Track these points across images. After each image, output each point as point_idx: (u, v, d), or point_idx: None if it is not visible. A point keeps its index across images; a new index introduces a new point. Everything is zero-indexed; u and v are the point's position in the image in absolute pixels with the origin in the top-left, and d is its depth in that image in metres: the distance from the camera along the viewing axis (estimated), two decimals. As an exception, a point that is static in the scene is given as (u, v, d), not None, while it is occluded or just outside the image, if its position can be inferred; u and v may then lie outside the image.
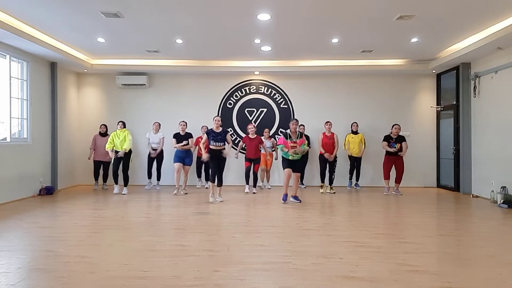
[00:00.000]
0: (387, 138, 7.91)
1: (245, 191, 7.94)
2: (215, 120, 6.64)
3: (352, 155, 8.58)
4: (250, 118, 9.47)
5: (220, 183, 6.68)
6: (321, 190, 8.07)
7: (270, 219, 5.35)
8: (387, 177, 7.96)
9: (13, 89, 6.98)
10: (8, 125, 6.81)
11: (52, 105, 8.16)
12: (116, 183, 7.86)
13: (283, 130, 9.30)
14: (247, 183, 7.98)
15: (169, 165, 8.45)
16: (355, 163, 8.69)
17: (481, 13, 5.71)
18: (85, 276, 3.05)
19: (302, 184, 8.91)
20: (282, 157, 6.71)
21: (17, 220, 5.22)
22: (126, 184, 7.90)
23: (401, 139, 7.86)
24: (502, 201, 6.67)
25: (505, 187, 6.83)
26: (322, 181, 8.14)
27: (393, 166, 7.93)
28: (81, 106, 9.48)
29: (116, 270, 3.17)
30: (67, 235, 4.41)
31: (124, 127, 7.94)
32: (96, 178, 8.67)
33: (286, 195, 6.71)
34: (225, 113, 9.44)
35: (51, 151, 8.14)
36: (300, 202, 6.66)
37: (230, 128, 9.34)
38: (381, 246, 3.95)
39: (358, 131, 8.64)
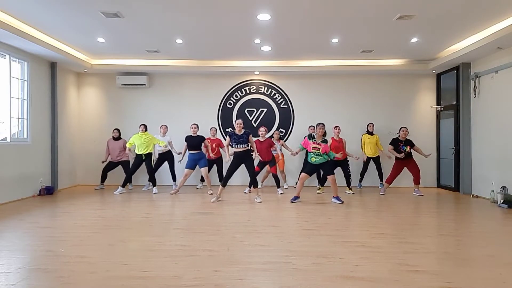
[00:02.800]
0: (396, 142, 7.70)
1: (244, 191, 8.01)
2: (237, 124, 6.71)
3: (368, 155, 8.56)
4: (250, 118, 9.47)
5: (255, 184, 6.78)
6: (318, 191, 8.06)
7: (270, 219, 5.35)
8: (391, 181, 7.84)
9: (13, 89, 6.98)
10: (8, 125, 6.81)
11: (52, 105, 8.16)
12: (124, 186, 7.88)
13: (283, 130, 9.36)
14: (249, 186, 7.95)
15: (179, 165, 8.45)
16: (373, 164, 8.66)
17: (481, 13, 5.71)
18: (85, 276, 3.04)
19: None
20: (305, 160, 6.74)
21: (17, 220, 5.21)
22: (154, 184, 7.98)
23: (410, 142, 7.67)
24: (502, 201, 6.67)
25: (505, 187, 6.83)
26: (321, 184, 8.14)
27: (406, 169, 7.81)
28: (81, 106, 9.47)
29: (116, 270, 3.17)
30: (67, 235, 4.41)
31: (146, 130, 7.87)
32: (103, 180, 8.61)
33: (296, 197, 6.79)
34: (225, 113, 9.45)
35: (51, 151, 8.14)
36: (342, 202, 6.64)
37: (248, 130, 9.31)
38: (381, 246, 3.95)
39: (373, 132, 8.62)
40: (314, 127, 7.99)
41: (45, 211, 5.91)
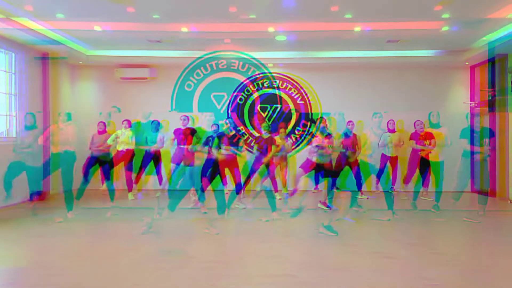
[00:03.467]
0: (415, 137, 7.31)
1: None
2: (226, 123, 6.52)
3: (386, 154, 8.03)
4: (264, 115, 9.14)
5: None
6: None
7: (280, 227, 5.29)
8: (409, 181, 7.51)
9: (0, 83, 6.79)
10: (-4, 122, 6.74)
11: (44, 101, 7.93)
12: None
13: (300, 128, 9.06)
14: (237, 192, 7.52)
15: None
16: (390, 164, 8.11)
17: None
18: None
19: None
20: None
21: (5, 229, 5.17)
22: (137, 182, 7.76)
23: (430, 136, 7.20)
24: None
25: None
26: (338, 189, 7.52)
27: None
28: (76, 102, 9.16)
29: (106, 283, 3.15)
30: (56, 245, 4.37)
31: (130, 126, 7.63)
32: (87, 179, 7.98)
33: (293, 191, 6.48)
34: (235, 109, 9.12)
35: (43, 151, 7.57)
36: (330, 208, 6.41)
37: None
38: (404, 257, 3.91)
39: (395, 130, 8.10)
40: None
41: (35, 219, 5.85)
